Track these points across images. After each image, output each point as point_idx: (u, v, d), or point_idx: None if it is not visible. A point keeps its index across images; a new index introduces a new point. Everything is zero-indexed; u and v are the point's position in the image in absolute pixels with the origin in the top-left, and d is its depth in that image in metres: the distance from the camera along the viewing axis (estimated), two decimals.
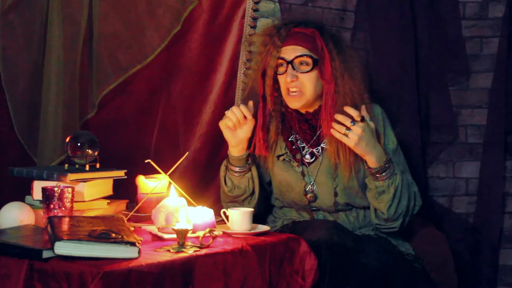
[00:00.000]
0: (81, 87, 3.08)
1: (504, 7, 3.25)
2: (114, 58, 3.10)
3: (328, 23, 3.17)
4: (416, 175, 3.20)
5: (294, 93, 2.66)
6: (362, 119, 2.52)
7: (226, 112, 2.66)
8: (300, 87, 2.65)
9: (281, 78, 2.68)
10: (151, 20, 3.11)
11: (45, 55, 3.03)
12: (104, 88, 3.10)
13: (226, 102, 3.15)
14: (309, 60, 2.65)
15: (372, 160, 2.56)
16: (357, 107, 2.59)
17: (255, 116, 2.69)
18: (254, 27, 3.16)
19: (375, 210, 2.64)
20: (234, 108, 2.65)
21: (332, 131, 2.54)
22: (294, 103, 2.68)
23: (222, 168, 2.76)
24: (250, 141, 2.72)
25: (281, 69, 2.68)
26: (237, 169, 2.71)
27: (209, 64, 3.16)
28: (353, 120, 2.51)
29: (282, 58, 2.66)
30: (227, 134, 2.67)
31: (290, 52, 2.66)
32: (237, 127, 2.65)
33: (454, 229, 3.24)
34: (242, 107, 2.65)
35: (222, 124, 2.67)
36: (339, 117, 2.52)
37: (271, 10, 3.19)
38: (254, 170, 2.73)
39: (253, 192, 2.74)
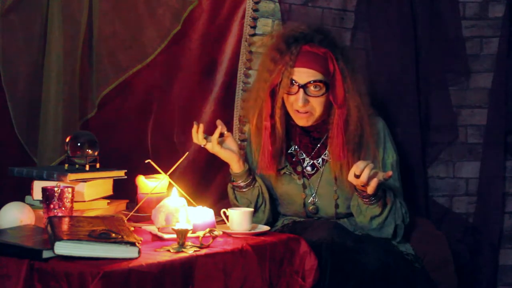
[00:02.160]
0: (81, 87, 3.08)
1: (504, 7, 3.25)
2: (114, 58, 3.10)
3: (328, 23, 3.17)
4: (416, 175, 3.21)
5: (303, 114, 2.63)
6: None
7: (201, 143, 2.62)
8: (310, 110, 2.62)
9: (290, 98, 2.63)
10: (151, 20, 3.11)
11: (45, 55, 3.02)
12: (104, 88, 3.10)
13: (226, 102, 3.15)
14: (322, 85, 2.60)
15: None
16: (362, 120, 2.60)
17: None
18: (254, 27, 3.16)
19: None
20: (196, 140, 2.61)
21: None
22: (302, 122, 2.65)
23: (230, 191, 2.73)
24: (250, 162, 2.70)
25: (292, 90, 2.61)
26: (242, 183, 2.68)
27: (209, 64, 3.16)
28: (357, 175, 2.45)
29: (294, 81, 2.60)
30: (222, 154, 2.63)
31: (304, 75, 2.59)
32: (218, 139, 2.61)
33: (454, 229, 3.24)
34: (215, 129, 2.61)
35: (215, 147, 2.61)
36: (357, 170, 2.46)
37: (271, 10, 3.19)
38: (259, 179, 2.72)
39: (263, 201, 2.72)
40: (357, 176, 2.44)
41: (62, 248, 1.98)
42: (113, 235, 2.07)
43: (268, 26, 3.18)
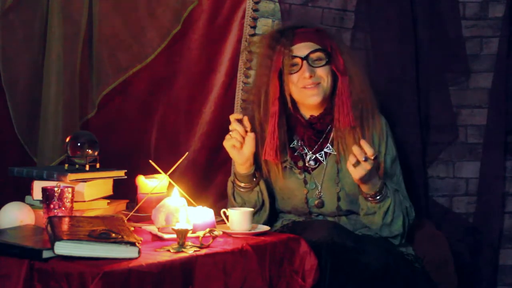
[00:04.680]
0: (81, 87, 3.09)
1: (504, 7, 3.25)
2: (114, 58, 3.10)
3: (328, 23, 3.17)
4: (416, 175, 3.20)
5: (310, 86, 2.63)
6: (375, 158, 2.47)
7: (230, 133, 2.59)
8: (318, 80, 2.64)
9: (294, 77, 2.65)
10: (151, 20, 3.11)
11: (45, 55, 3.03)
12: (104, 88, 3.11)
13: (226, 102, 3.15)
14: (323, 55, 2.65)
15: (365, 188, 2.56)
16: (367, 110, 2.63)
17: (254, 129, 2.63)
18: (254, 27, 3.16)
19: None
20: (234, 124, 2.58)
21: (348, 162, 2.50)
22: (312, 98, 2.65)
23: (230, 185, 2.72)
24: (255, 156, 2.66)
25: (295, 68, 2.65)
26: (242, 184, 2.68)
27: (209, 64, 3.17)
28: (366, 156, 2.45)
29: (296, 56, 2.64)
30: (233, 153, 2.62)
31: (303, 48, 2.65)
32: (242, 144, 2.59)
33: (454, 229, 3.23)
34: (245, 119, 2.59)
35: (228, 145, 2.61)
36: (355, 150, 2.46)
37: (271, 10, 3.19)
38: (262, 183, 2.70)
39: (262, 205, 2.71)
40: (365, 159, 2.44)
41: (62, 248, 1.98)
42: (113, 235, 2.07)
43: (268, 26, 3.18)
